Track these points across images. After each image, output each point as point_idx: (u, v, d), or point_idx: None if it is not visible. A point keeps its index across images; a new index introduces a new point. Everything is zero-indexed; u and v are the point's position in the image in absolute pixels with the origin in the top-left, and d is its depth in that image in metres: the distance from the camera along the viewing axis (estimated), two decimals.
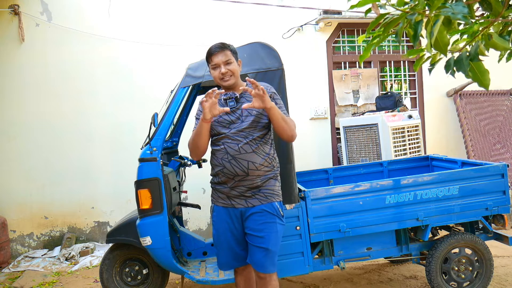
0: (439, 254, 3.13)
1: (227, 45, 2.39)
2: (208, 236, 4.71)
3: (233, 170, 2.33)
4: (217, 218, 2.46)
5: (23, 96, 4.87)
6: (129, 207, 4.54)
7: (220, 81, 2.37)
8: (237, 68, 2.39)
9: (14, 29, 4.82)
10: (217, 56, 2.34)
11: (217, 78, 2.38)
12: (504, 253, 4.12)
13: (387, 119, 4.55)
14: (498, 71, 3.92)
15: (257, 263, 2.36)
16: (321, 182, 3.92)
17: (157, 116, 2.94)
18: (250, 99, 2.35)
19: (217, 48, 2.35)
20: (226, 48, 2.36)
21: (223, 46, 2.36)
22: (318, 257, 3.16)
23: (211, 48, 2.37)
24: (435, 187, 3.05)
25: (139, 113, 4.87)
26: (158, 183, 2.84)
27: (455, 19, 1.29)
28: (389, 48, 5.84)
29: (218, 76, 2.36)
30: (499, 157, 5.63)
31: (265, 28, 5.29)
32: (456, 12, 1.27)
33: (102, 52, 4.98)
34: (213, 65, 2.37)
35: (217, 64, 2.35)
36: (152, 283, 3.23)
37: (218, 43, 2.38)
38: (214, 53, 2.35)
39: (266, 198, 2.37)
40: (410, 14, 1.38)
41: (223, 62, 2.34)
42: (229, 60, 2.35)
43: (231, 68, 2.35)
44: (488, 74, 1.48)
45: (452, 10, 1.28)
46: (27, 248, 4.90)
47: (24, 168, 4.89)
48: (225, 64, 2.34)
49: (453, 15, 1.28)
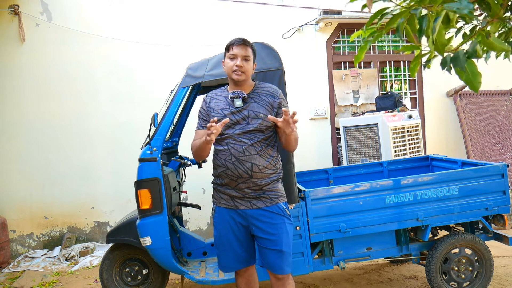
0: (439, 254, 3.13)
1: (250, 43, 2.40)
2: (208, 236, 4.71)
3: (236, 172, 2.31)
4: (219, 220, 2.43)
5: (23, 96, 4.87)
6: (129, 207, 4.54)
7: (232, 73, 2.35)
8: (251, 68, 2.40)
9: (14, 29, 4.82)
10: (238, 48, 2.34)
11: (230, 70, 2.35)
12: (504, 253, 4.12)
13: (387, 119, 4.55)
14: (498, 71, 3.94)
15: (273, 265, 2.35)
16: (321, 182, 3.92)
17: (157, 116, 2.93)
18: (258, 101, 2.35)
19: (241, 41, 2.36)
20: (249, 45, 2.38)
21: (247, 42, 2.38)
22: (318, 257, 3.15)
23: (235, 39, 2.38)
24: (435, 187, 3.05)
25: (139, 113, 4.87)
26: (158, 183, 2.84)
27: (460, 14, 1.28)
28: (389, 48, 5.84)
29: (232, 67, 2.34)
30: (499, 157, 5.63)
31: (265, 28, 5.29)
32: (462, 7, 1.26)
33: (102, 52, 4.98)
34: (231, 55, 2.35)
35: (235, 55, 2.34)
36: (152, 283, 3.22)
37: (243, 38, 2.39)
38: (237, 44, 2.35)
39: (271, 200, 2.35)
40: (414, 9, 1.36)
41: (242, 56, 2.34)
42: (248, 57, 2.36)
43: (247, 65, 2.35)
44: (480, 77, 1.46)
45: (458, 5, 1.27)
46: (27, 248, 4.90)
47: (24, 168, 4.88)
48: (243, 59, 2.34)
49: (458, 10, 1.26)
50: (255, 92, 2.40)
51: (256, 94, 2.39)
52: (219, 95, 2.46)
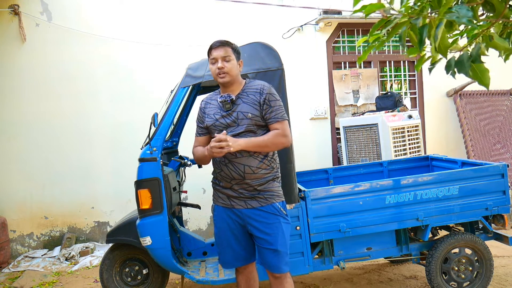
0: (439, 254, 3.12)
1: (229, 43, 2.38)
2: (208, 236, 4.71)
3: (229, 173, 2.33)
4: (218, 218, 2.47)
5: (23, 96, 4.87)
6: (129, 207, 4.53)
7: (217, 77, 2.36)
8: (235, 67, 2.36)
9: (14, 29, 4.82)
10: (216, 51, 2.34)
11: (214, 73, 2.37)
12: (504, 253, 4.12)
13: (387, 119, 4.55)
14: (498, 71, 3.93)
15: (270, 265, 2.36)
16: (321, 182, 3.92)
17: (157, 116, 2.93)
18: (246, 101, 2.34)
19: (218, 43, 2.35)
20: (227, 45, 2.35)
21: (224, 42, 2.36)
22: (318, 257, 3.15)
23: (213, 42, 2.37)
24: (435, 187, 3.05)
25: (139, 113, 4.87)
26: (158, 183, 2.84)
27: (460, 23, 1.29)
28: (389, 48, 5.84)
29: (215, 71, 2.35)
30: (499, 157, 5.63)
31: (265, 28, 5.29)
32: (461, 16, 1.27)
33: (102, 52, 4.98)
34: (212, 60, 2.36)
35: (215, 59, 2.34)
36: (152, 283, 3.22)
37: (221, 39, 2.38)
38: (214, 47, 2.35)
39: (266, 200, 2.36)
40: (415, 19, 1.37)
41: (222, 58, 2.33)
42: (228, 57, 2.33)
43: (229, 65, 2.33)
44: (488, 72, 1.47)
45: (457, 14, 1.28)
46: (27, 248, 4.90)
47: (24, 168, 4.88)
48: (223, 60, 2.33)
49: (458, 19, 1.27)
50: (244, 92, 2.39)
51: (245, 93, 2.38)
52: (213, 99, 2.49)
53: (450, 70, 1.50)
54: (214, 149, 2.22)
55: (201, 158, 2.43)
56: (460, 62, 1.46)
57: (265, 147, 2.30)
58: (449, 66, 1.50)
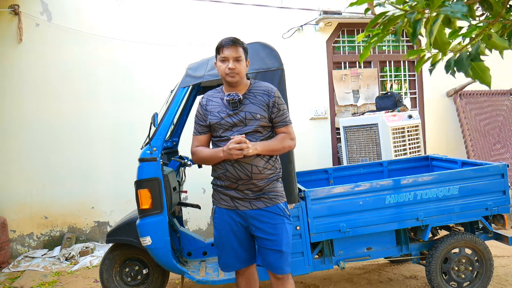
0: (439, 254, 3.12)
1: (241, 42, 2.34)
2: (208, 236, 4.71)
3: (236, 174, 2.30)
4: (219, 220, 2.43)
5: (23, 96, 4.87)
6: (129, 207, 4.53)
7: (226, 76, 2.31)
8: (245, 67, 2.35)
9: (14, 29, 4.82)
10: (228, 50, 2.29)
11: (223, 72, 2.31)
12: (504, 253, 4.12)
13: (387, 119, 4.55)
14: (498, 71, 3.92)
15: (273, 265, 2.35)
16: (321, 182, 3.92)
17: (157, 116, 2.93)
18: (254, 102, 2.32)
19: (230, 42, 2.30)
20: (239, 44, 2.32)
21: (237, 41, 2.31)
22: (318, 257, 3.16)
23: (224, 40, 2.31)
24: (435, 187, 3.05)
25: (139, 113, 4.87)
26: (158, 183, 2.84)
27: (454, 17, 1.29)
28: (389, 48, 5.84)
29: (225, 70, 2.30)
30: (499, 157, 5.63)
31: (265, 28, 5.29)
32: (455, 11, 1.27)
33: (102, 52, 4.98)
34: (222, 58, 2.30)
35: (226, 58, 2.29)
36: (152, 283, 3.22)
37: (232, 37, 2.32)
38: (226, 46, 2.29)
39: (271, 200, 2.35)
40: (410, 13, 1.38)
41: (234, 58, 2.28)
42: (240, 58, 2.30)
43: (240, 66, 2.30)
44: (488, 71, 1.47)
45: (451, 9, 1.28)
46: (27, 248, 4.90)
47: (24, 168, 4.88)
48: (234, 60, 2.29)
49: (452, 14, 1.27)
50: (250, 92, 2.37)
51: (251, 94, 2.36)
52: (215, 96, 2.43)
53: (449, 69, 1.50)
54: (233, 151, 2.17)
55: (207, 159, 2.37)
56: (459, 61, 1.46)
57: (277, 151, 2.35)
58: (448, 66, 1.50)
